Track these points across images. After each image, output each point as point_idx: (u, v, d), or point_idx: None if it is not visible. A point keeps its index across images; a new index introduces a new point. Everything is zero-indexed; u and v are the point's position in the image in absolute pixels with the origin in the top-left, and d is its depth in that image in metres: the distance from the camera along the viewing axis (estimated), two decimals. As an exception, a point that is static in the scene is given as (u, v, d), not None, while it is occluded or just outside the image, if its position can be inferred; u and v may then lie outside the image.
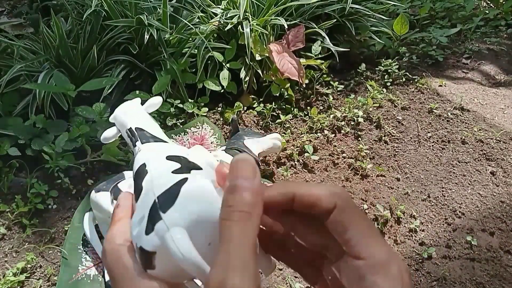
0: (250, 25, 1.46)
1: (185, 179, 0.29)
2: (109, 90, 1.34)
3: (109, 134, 0.42)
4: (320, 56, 1.59)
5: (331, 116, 1.47)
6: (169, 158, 0.33)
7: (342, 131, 1.44)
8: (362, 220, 0.28)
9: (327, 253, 0.30)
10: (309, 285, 0.99)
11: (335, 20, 1.66)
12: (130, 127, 0.40)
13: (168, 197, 0.29)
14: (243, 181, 0.26)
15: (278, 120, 1.44)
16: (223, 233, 0.25)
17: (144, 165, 0.33)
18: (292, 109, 1.51)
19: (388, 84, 1.67)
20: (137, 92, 1.37)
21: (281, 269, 1.04)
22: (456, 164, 1.35)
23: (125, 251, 0.30)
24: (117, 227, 0.31)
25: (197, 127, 1.38)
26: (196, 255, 0.27)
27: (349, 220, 0.28)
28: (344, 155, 1.35)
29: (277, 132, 1.37)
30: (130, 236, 0.30)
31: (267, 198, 0.28)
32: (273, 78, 1.51)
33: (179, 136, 1.34)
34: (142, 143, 0.38)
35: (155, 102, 0.46)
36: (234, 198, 0.26)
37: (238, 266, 0.24)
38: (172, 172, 0.31)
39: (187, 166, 0.32)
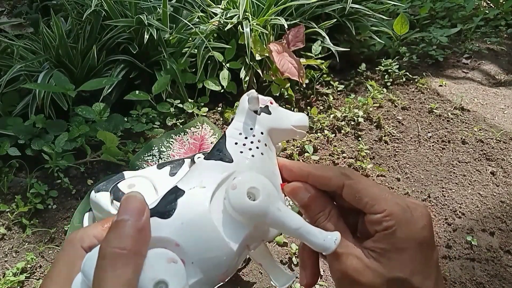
0: (250, 25, 1.46)
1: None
2: (109, 90, 1.34)
3: None
4: (320, 56, 1.59)
5: (331, 116, 1.47)
6: None
7: (342, 131, 1.44)
8: (373, 187, 0.31)
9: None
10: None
11: (335, 20, 1.66)
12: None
13: None
14: (127, 217, 0.25)
15: (278, 120, 1.44)
16: (95, 273, 0.24)
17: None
18: (292, 109, 1.50)
19: (388, 84, 1.66)
20: (137, 92, 1.37)
21: (281, 269, 1.04)
22: (456, 164, 1.35)
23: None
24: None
25: (197, 127, 1.38)
26: None
27: (363, 189, 0.31)
28: (344, 155, 1.35)
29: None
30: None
31: (288, 165, 0.34)
32: (273, 78, 1.51)
33: (179, 136, 1.34)
34: None
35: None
36: (113, 234, 0.25)
37: None
38: None
39: None
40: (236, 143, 0.33)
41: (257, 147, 0.33)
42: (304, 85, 1.55)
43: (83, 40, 1.39)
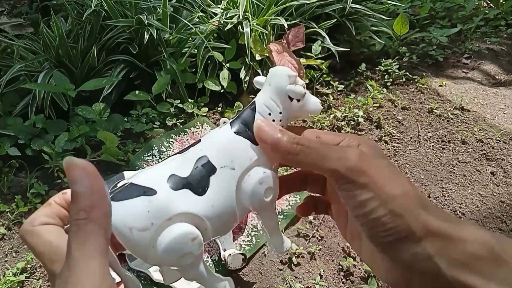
0: (250, 25, 1.46)
1: None
2: (109, 90, 1.34)
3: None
4: (320, 56, 1.59)
5: (331, 116, 1.47)
6: None
7: (342, 131, 1.44)
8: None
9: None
10: (309, 286, 0.99)
11: (335, 20, 1.66)
12: None
13: None
14: (75, 187, 0.25)
15: (278, 120, 1.44)
16: (67, 248, 0.24)
17: None
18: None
19: (388, 84, 1.66)
20: (137, 92, 1.37)
21: (281, 270, 1.04)
22: (456, 164, 1.35)
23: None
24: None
25: (197, 127, 1.38)
26: None
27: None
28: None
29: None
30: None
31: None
32: (273, 78, 1.51)
33: (179, 136, 1.34)
34: None
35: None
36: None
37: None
38: None
39: None
40: None
41: None
42: (304, 85, 1.55)
43: (83, 40, 1.39)
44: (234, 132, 0.33)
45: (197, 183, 0.31)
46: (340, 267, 1.04)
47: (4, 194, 1.17)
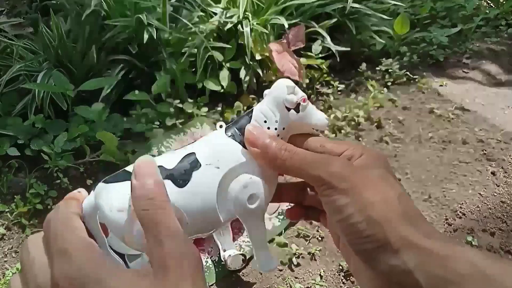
0: (250, 25, 1.46)
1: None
2: (108, 90, 1.33)
3: None
4: (320, 55, 1.59)
5: (332, 116, 1.47)
6: None
7: (342, 131, 1.44)
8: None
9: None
10: (309, 286, 0.99)
11: (336, 19, 1.66)
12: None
13: None
14: (148, 178, 0.28)
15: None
16: (149, 224, 0.27)
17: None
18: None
19: (389, 84, 1.66)
20: (137, 92, 1.36)
21: (281, 270, 1.03)
22: (457, 164, 1.35)
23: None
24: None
25: (197, 127, 1.38)
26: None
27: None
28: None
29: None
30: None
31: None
32: (273, 78, 1.51)
33: (178, 136, 1.34)
34: None
35: None
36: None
37: (187, 272, 0.25)
38: None
39: None
40: None
41: None
42: (304, 85, 1.55)
43: (82, 40, 1.38)
44: (227, 135, 0.34)
45: (180, 175, 0.32)
46: (340, 267, 1.03)
47: (4, 194, 1.16)
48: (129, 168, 0.32)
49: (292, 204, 0.39)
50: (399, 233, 0.27)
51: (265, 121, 0.35)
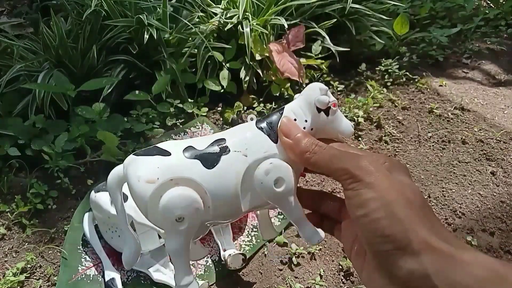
0: (250, 25, 1.46)
1: None
2: (109, 90, 1.34)
3: None
4: (320, 56, 1.59)
5: (331, 116, 1.47)
6: None
7: (342, 131, 1.44)
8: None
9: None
10: (309, 286, 0.99)
11: (335, 19, 1.66)
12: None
13: None
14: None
15: (278, 120, 1.44)
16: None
17: None
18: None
19: (389, 84, 1.66)
20: (137, 92, 1.37)
21: (281, 270, 1.04)
22: (457, 164, 1.35)
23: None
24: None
25: (197, 127, 1.38)
26: None
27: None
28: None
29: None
30: None
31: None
32: (273, 78, 1.51)
33: (179, 136, 1.34)
34: None
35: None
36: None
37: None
38: None
39: None
40: None
41: None
42: (304, 85, 1.55)
43: (83, 40, 1.38)
44: (257, 127, 0.36)
45: (209, 157, 0.34)
46: (340, 267, 1.04)
47: (4, 194, 1.16)
48: (161, 145, 0.34)
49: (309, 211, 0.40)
50: (420, 235, 0.27)
51: (295, 119, 0.36)
